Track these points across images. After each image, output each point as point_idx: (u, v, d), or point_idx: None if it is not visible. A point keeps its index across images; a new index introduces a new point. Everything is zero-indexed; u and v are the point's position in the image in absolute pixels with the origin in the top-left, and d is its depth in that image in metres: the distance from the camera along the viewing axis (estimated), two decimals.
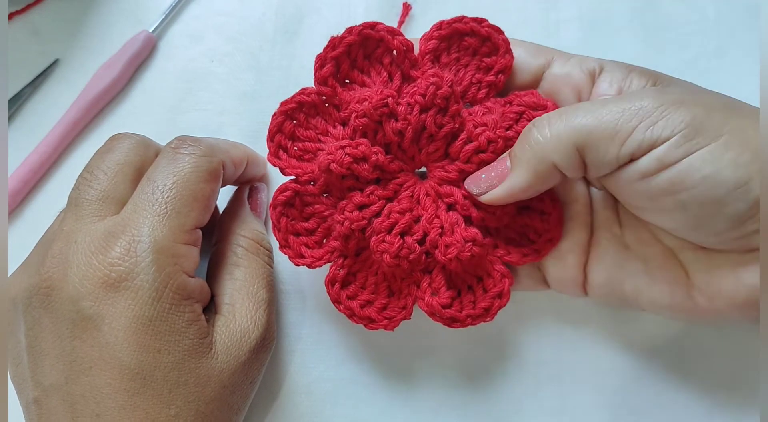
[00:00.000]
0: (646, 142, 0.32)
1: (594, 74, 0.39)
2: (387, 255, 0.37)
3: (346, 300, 0.39)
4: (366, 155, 0.38)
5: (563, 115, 0.35)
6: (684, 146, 0.31)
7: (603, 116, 0.33)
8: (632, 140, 0.32)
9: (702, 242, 0.34)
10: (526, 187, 0.36)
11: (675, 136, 0.31)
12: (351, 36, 0.39)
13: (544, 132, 0.35)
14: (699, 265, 0.35)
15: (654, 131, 0.32)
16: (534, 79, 0.40)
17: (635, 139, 0.32)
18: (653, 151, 0.32)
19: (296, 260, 0.39)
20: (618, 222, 0.39)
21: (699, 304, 0.35)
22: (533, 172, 0.35)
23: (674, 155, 0.32)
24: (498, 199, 0.37)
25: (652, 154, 0.32)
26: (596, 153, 0.33)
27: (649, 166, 0.32)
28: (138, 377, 0.33)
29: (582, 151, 0.34)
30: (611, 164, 0.33)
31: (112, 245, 0.34)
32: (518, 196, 0.36)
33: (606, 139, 0.33)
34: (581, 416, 0.42)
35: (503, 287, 0.38)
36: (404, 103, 0.38)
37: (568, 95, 0.39)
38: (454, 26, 0.40)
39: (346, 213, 0.38)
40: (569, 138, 0.34)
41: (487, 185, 0.37)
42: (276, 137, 0.40)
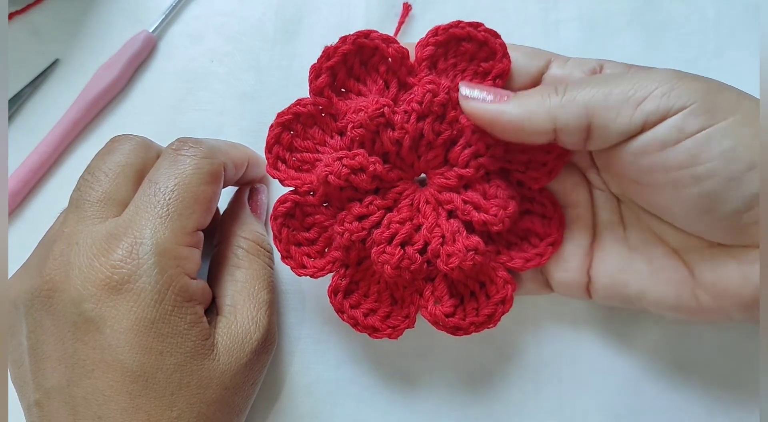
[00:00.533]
0: (662, 108, 0.32)
1: (595, 73, 0.39)
2: (388, 266, 0.37)
3: (349, 310, 0.39)
4: (364, 166, 0.38)
5: (579, 82, 0.35)
6: (702, 117, 0.31)
7: (618, 84, 0.33)
8: (647, 104, 0.32)
9: (708, 230, 0.34)
10: (514, 122, 0.35)
11: (692, 105, 0.32)
12: (345, 45, 0.39)
13: (560, 90, 0.35)
14: (705, 264, 0.35)
15: (670, 98, 0.32)
16: (533, 82, 0.40)
17: (649, 105, 0.32)
18: (671, 118, 0.32)
19: (298, 271, 0.39)
20: (622, 224, 0.39)
21: (704, 304, 0.35)
22: (529, 116, 0.35)
23: (693, 125, 0.31)
24: (478, 113, 0.36)
25: (669, 122, 0.32)
26: (607, 117, 0.33)
27: (669, 135, 0.32)
28: (140, 379, 0.33)
29: (591, 114, 0.33)
30: (622, 130, 0.33)
31: (114, 247, 0.34)
32: (498, 126, 0.36)
33: (619, 102, 0.33)
34: (581, 416, 0.42)
35: (506, 293, 0.38)
36: (401, 112, 0.38)
37: None
38: (451, 32, 0.39)
39: (346, 225, 0.38)
40: (582, 99, 0.34)
41: (480, 97, 0.37)
42: (274, 148, 0.40)
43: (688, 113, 0.32)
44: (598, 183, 0.40)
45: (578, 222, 0.40)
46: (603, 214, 0.39)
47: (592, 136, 0.34)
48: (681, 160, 0.32)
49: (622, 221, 0.39)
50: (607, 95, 0.33)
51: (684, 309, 0.36)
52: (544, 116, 0.34)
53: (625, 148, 0.34)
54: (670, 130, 0.32)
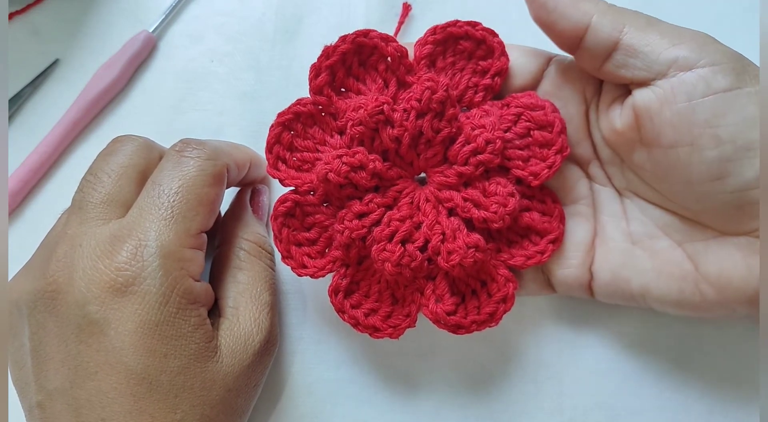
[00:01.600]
0: (693, 56, 0.32)
1: None
2: (388, 264, 0.37)
3: (350, 310, 0.39)
4: (363, 163, 0.38)
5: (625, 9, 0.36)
6: (731, 77, 0.32)
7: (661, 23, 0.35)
8: (680, 48, 0.33)
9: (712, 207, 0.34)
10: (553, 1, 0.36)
11: (723, 64, 0.32)
12: (344, 44, 0.39)
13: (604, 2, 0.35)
14: (708, 256, 0.35)
15: (702, 52, 0.32)
16: (533, 80, 0.40)
17: (683, 49, 0.33)
18: (700, 69, 0.32)
19: (299, 271, 0.39)
20: (624, 218, 0.39)
21: (708, 298, 0.35)
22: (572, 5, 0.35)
23: (721, 82, 0.32)
24: None
25: (698, 72, 0.32)
26: (641, 40, 0.34)
27: (696, 85, 0.32)
28: (144, 381, 0.33)
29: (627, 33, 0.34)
30: (649, 60, 0.33)
31: (118, 249, 0.34)
32: None
33: (657, 34, 0.34)
34: (581, 416, 0.43)
35: (507, 291, 0.38)
36: (400, 109, 0.38)
37: (573, 90, 0.39)
38: (449, 30, 0.40)
39: (346, 223, 0.38)
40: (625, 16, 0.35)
41: None
42: (274, 148, 0.40)
43: (717, 70, 0.32)
44: (599, 177, 0.40)
45: (579, 219, 0.40)
46: (604, 210, 0.39)
47: (614, 56, 0.35)
48: (705, 116, 0.32)
49: (624, 216, 0.39)
50: (646, 24, 0.34)
51: (688, 304, 0.36)
52: (584, 9, 0.35)
53: (649, 93, 0.34)
54: (698, 81, 0.32)
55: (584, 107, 0.39)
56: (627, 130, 0.36)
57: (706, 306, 0.35)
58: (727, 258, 0.34)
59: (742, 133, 0.31)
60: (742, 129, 0.31)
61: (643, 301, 0.38)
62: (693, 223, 0.36)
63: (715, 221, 0.35)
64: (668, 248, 0.37)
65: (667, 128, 0.34)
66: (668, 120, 0.33)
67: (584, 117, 0.39)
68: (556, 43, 0.37)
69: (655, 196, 0.37)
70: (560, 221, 0.39)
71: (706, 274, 0.35)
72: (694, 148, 0.33)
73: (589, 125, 0.39)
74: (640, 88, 0.35)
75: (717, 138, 0.32)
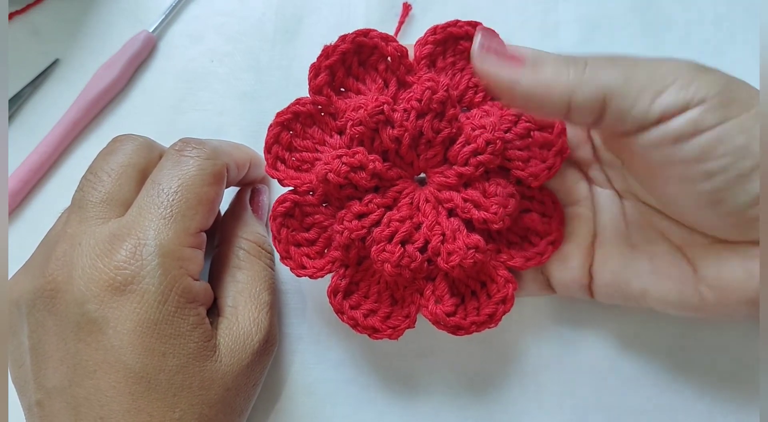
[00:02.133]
0: (680, 101, 0.31)
1: None
2: (388, 264, 0.37)
3: (349, 311, 0.39)
4: (363, 163, 0.38)
5: (600, 59, 0.33)
6: (719, 111, 0.31)
7: (639, 70, 0.32)
8: (666, 96, 0.31)
9: (711, 225, 0.34)
10: (526, 91, 0.33)
11: (710, 100, 0.31)
12: (344, 44, 0.39)
13: (580, 65, 0.33)
14: (708, 260, 0.35)
15: (689, 91, 0.31)
16: None
17: (669, 96, 0.31)
18: (688, 112, 0.31)
19: (298, 271, 0.39)
20: (624, 221, 0.39)
21: (707, 301, 0.35)
22: (547, 87, 0.33)
23: (709, 120, 0.31)
24: (489, 78, 0.34)
25: (686, 116, 0.31)
26: (624, 103, 0.32)
27: (683, 129, 0.31)
28: (142, 380, 0.33)
29: (609, 97, 0.32)
30: (638, 119, 0.32)
31: (117, 248, 0.34)
32: (509, 95, 0.34)
33: (638, 90, 0.32)
34: (581, 416, 0.42)
35: (507, 292, 0.38)
36: (400, 110, 0.38)
37: None
38: (449, 30, 0.40)
39: (345, 223, 0.38)
40: (601, 80, 0.32)
41: (494, 58, 0.34)
42: (273, 148, 0.40)
43: (705, 108, 0.31)
44: (600, 179, 0.40)
45: (579, 220, 0.40)
46: (604, 212, 0.39)
47: (604, 120, 0.33)
48: (694, 154, 0.31)
49: (624, 218, 0.39)
50: (627, 80, 0.32)
51: (687, 306, 0.36)
52: (560, 92, 0.33)
53: (638, 138, 0.33)
54: (687, 124, 0.31)
55: None
56: (617, 156, 0.37)
57: (705, 308, 0.35)
58: (725, 262, 0.34)
59: (733, 163, 0.31)
60: (733, 160, 0.31)
61: (643, 302, 0.38)
62: (692, 229, 0.36)
63: (714, 233, 0.35)
64: (667, 251, 0.37)
65: (656, 166, 0.34)
66: (658, 160, 0.33)
67: None
68: None
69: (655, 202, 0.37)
70: (560, 222, 0.39)
71: (705, 277, 0.35)
72: (685, 182, 0.33)
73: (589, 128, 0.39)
74: None
75: (707, 172, 0.32)
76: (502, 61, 0.34)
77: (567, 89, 0.33)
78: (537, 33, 0.49)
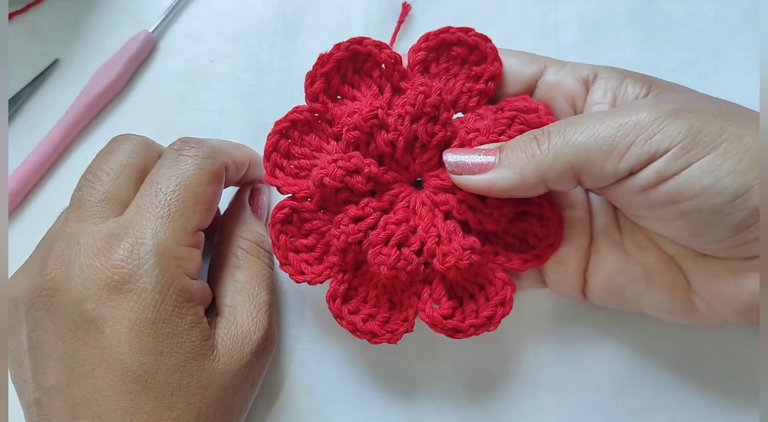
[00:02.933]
0: (644, 156, 0.32)
1: (588, 82, 0.39)
2: (384, 267, 0.37)
3: (348, 316, 0.39)
4: (359, 167, 0.38)
5: (561, 131, 0.34)
6: (683, 158, 0.31)
7: (600, 132, 0.33)
8: (630, 155, 0.32)
9: (702, 249, 0.34)
10: (508, 188, 0.35)
11: (673, 149, 0.31)
12: (339, 52, 0.40)
13: (543, 147, 0.34)
14: (699, 272, 0.35)
15: (652, 145, 0.32)
16: (527, 87, 0.40)
17: (633, 154, 0.32)
18: (652, 164, 0.32)
19: (297, 277, 0.39)
20: (617, 229, 0.39)
21: (699, 309, 0.35)
22: (520, 179, 0.35)
23: (673, 167, 0.32)
24: (468, 187, 0.37)
25: (650, 167, 0.32)
26: (593, 169, 0.33)
27: (648, 180, 0.32)
28: (140, 379, 0.33)
29: (578, 168, 0.33)
30: (609, 179, 0.33)
31: (114, 247, 0.34)
32: (494, 193, 0.36)
33: (603, 156, 0.33)
34: (581, 416, 0.42)
35: (506, 295, 0.38)
36: (394, 114, 0.38)
37: (562, 103, 0.39)
38: (441, 37, 0.40)
39: (342, 227, 0.38)
40: (566, 156, 0.33)
41: (466, 169, 0.37)
42: (272, 156, 0.40)
43: (669, 157, 0.32)
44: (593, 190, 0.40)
45: (575, 224, 0.40)
46: (599, 218, 0.39)
47: (582, 183, 0.35)
48: (663, 199, 0.32)
49: (617, 225, 0.39)
50: (589, 151, 0.33)
51: (680, 313, 0.36)
52: (534, 178, 0.35)
53: (611, 190, 0.34)
54: (652, 176, 0.32)
55: None
56: None
57: (698, 316, 0.35)
58: (716, 275, 0.34)
59: (704, 202, 0.31)
60: (703, 200, 0.31)
61: (637, 307, 0.38)
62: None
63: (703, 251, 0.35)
64: (660, 260, 0.37)
65: (631, 209, 0.35)
66: (631, 204, 0.34)
67: None
68: None
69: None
70: (558, 225, 0.39)
71: (697, 288, 0.35)
72: (660, 221, 0.34)
73: None
74: None
75: (680, 212, 0.32)
76: (473, 172, 0.36)
77: (538, 175, 0.34)
78: (537, 33, 0.49)
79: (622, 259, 0.38)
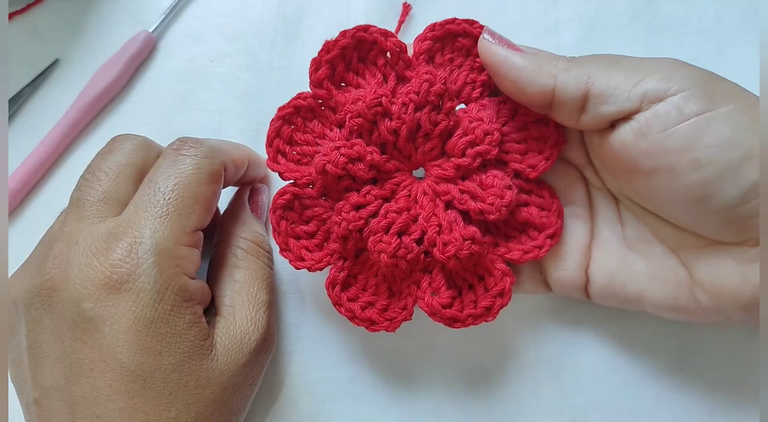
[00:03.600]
0: (661, 88, 0.32)
1: None
2: (384, 255, 0.37)
3: (347, 303, 0.39)
4: (361, 155, 0.38)
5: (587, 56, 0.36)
6: (702, 100, 0.32)
7: (623, 61, 0.35)
8: (648, 82, 0.33)
9: (702, 224, 0.34)
10: (518, 70, 0.36)
11: (692, 89, 0.32)
12: (345, 39, 0.39)
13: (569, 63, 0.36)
14: (702, 264, 0.35)
15: (671, 81, 0.32)
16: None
17: (651, 82, 0.33)
18: (671, 98, 0.32)
19: (297, 263, 0.39)
20: (619, 223, 0.39)
21: (703, 305, 0.35)
22: (533, 68, 0.36)
23: (692, 107, 0.32)
24: (489, 52, 0.37)
25: (670, 101, 0.32)
26: (608, 86, 0.34)
27: (669, 114, 0.32)
28: (138, 379, 0.33)
29: (593, 82, 0.34)
30: (619, 104, 0.34)
31: (113, 247, 0.34)
32: (503, 70, 0.37)
33: (621, 76, 0.34)
34: (581, 416, 0.42)
35: (504, 286, 0.38)
36: (398, 102, 0.38)
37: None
38: (447, 27, 0.40)
39: (343, 214, 0.38)
40: (586, 67, 0.35)
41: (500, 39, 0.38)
42: (274, 142, 0.40)
43: (687, 95, 0.32)
44: (595, 181, 0.40)
45: (576, 221, 0.40)
46: (601, 213, 0.39)
47: (588, 107, 0.35)
48: (680, 142, 0.32)
49: (619, 220, 0.39)
50: (609, 67, 0.34)
51: (683, 310, 0.36)
52: (547, 72, 0.35)
53: (625, 127, 0.34)
54: (671, 110, 0.32)
55: None
56: (606, 158, 0.37)
57: (701, 312, 0.35)
58: (721, 266, 0.34)
59: (721, 154, 0.31)
60: (720, 150, 0.31)
61: (638, 305, 0.38)
62: (687, 231, 0.36)
63: (708, 233, 0.35)
64: (662, 254, 0.37)
65: (643, 157, 0.34)
66: (644, 150, 0.34)
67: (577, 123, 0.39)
68: (529, 106, 0.38)
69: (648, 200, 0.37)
70: (558, 216, 0.39)
71: (701, 282, 0.35)
72: (673, 173, 0.33)
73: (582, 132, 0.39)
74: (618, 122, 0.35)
75: (696, 161, 0.32)
76: (501, 44, 0.38)
77: (554, 70, 0.36)
78: (537, 32, 0.49)
79: (623, 255, 0.38)
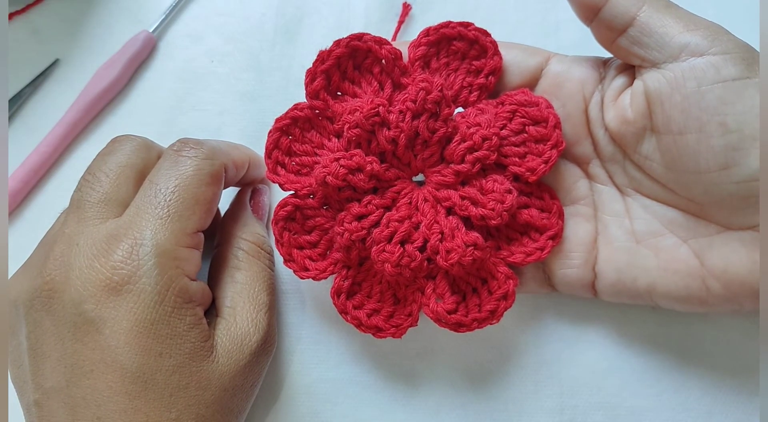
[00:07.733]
0: (703, 44, 0.33)
1: (599, 65, 0.39)
2: (388, 264, 0.37)
3: (352, 311, 0.39)
4: (361, 165, 0.38)
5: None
6: (741, 66, 0.32)
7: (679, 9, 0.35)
8: (695, 34, 0.33)
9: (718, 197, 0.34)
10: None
11: (735, 53, 0.32)
12: (339, 48, 0.40)
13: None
14: (713, 251, 0.35)
15: (717, 40, 0.33)
16: (532, 78, 0.40)
17: (695, 35, 0.33)
18: (711, 56, 0.33)
19: (301, 273, 0.40)
20: (627, 216, 0.39)
21: (714, 293, 0.35)
22: None
23: (730, 70, 0.32)
24: None
25: (709, 58, 0.33)
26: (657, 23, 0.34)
27: (706, 71, 0.33)
28: (139, 380, 0.33)
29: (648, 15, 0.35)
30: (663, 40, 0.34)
31: (114, 248, 0.34)
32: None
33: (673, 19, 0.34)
34: (581, 416, 0.42)
35: (508, 288, 0.38)
36: (396, 111, 0.38)
37: (572, 89, 0.39)
38: (441, 32, 0.40)
39: (345, 225, 0.38)
40: None
41: None
42: (273, 153, 0.40)
43: (728, 58, 0.32)
44: (600, 176, 0.40)
45: (579, 219, 0.40)
46: (606, 209, 0.39)
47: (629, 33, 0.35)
48: (714, 103, 0.32)
49: (627, 214, 0.39)
50: (664, 7, 0.35)
51: (695, 300, 0.36)
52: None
53: (658, 76, 0.34)
54: (709, 67, 0.33)
55: (583, 105, 0.39)
56: (639, 117, 0.36)
57: (713, 301, 0.35)
58: (732, 253, 0.34)
59: (750, 122, 0.32)
60: (750, 118, 0.32)
61: (650, 299, 0.38)
62: (697, 219, 0.36)
63: (721, 214, 0.35)
64: (673, 245, 0.37)
65: (676, 113, 0.34)
66: (678, 104, 0.34)
67: (584, 115, 0.39)
68: (575, 10, 0.38)
69: (659, 192, 0.37)
70: (559, 217, 0.39)
71: (712, 270, 0.35)
72: (702, 135, 0.33)
73: (588, 123, 0.39)
74: (649, 72, 0.35)
75: (724, 126, 0.32)
76: None
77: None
78: (537, 32, 0.49)
79: (633, 249, 0.38)
